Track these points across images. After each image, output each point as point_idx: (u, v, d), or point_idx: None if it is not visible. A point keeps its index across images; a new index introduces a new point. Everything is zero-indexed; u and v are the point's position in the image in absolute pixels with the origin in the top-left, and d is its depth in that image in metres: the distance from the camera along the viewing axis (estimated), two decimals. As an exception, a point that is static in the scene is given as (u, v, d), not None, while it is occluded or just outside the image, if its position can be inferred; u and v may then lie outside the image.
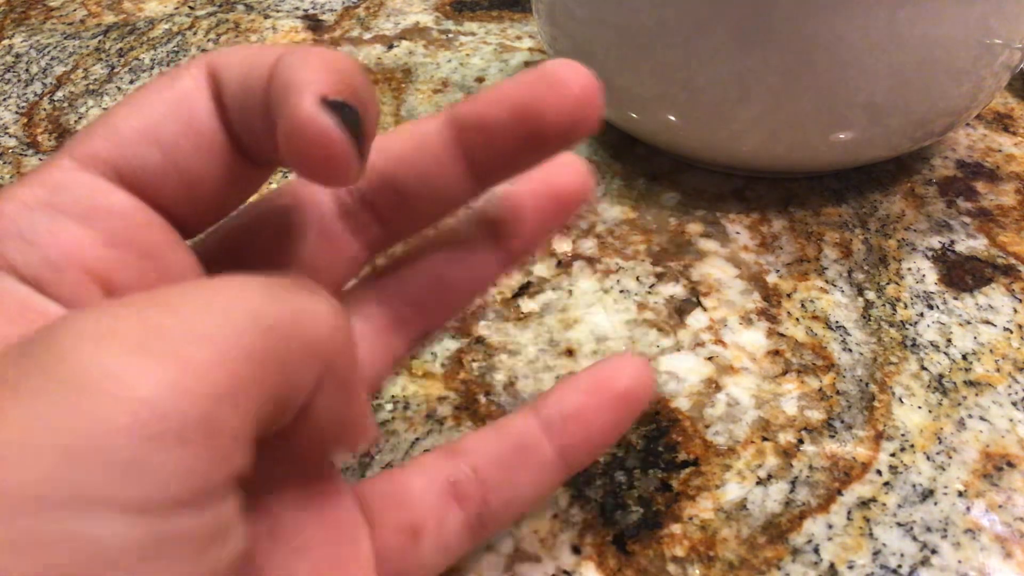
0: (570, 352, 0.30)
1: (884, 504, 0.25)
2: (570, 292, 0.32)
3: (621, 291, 0.32)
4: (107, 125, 0.16)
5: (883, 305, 0.31)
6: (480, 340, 0.30)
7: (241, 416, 0.12)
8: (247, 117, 0.16)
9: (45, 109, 0.46)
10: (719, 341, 0.30)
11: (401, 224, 0.19)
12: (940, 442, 0.26)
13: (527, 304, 0.32)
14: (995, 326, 0.30)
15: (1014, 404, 0.27)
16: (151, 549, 0.11)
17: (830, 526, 0.24)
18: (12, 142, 0.43)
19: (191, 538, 0.11)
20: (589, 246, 0.34)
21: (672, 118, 0.34)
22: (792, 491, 0.25)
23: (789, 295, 0.32)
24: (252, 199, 0.18)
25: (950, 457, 0.26)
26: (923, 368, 0.29)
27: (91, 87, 0.47)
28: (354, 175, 0.15)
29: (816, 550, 0.24)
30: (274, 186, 0.18)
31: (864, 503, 0.25)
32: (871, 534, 0.24)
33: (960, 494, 0.25)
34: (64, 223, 0.15)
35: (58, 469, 0.10)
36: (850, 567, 0.23)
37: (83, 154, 0.15)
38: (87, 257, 0.15)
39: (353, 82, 0.15)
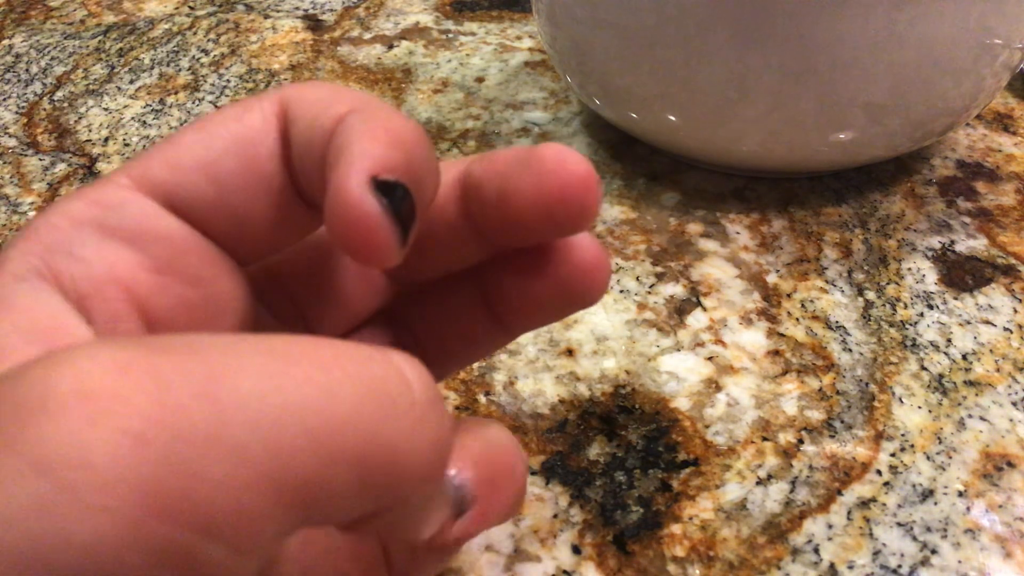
0: (570, 352, 0.30)
1: (884, 504, 0.25)
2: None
3: (621, 291, 0.32)
4: (169, 151, 0.16)
5: (883, 305, 0.31)
6: (480, 340, 0.30)
7: (272, 534, 0.11)
8: (306, 163, 0.16)
9: (45, 109, 0.46)
10: (719, 341, 0.30)
11: (417, 265, 0.18)
12: (940, 442, 0.26)
13: (527, 304, 0.32)
14: (995, 326, 0.30)
15: (1014, 404, 0.27)
16: None
17: (830, 526, 0.24)
18: (12, 142, 0.43)
19: None
20: (589, 246, 0.34)
21: (672, 118, 0.34)
22: (792, 491, 0.25)
23: (789, 295, 0.32)
24: None
25: (950, 457, 0.26)
26: (923, 368, 0.29)
27: (91, 87, 0.47)
28: (392, 260, 0.14)
29: (816, 550, 0.24)
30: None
31: (864, 503, 0.25)
32: (871, 534, 0.24)
33: (960, 494, 0.25)
34: (112, 244, 0.15)
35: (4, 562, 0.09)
36: (850, 567, 0.23)
37: (140, 176, 0.15)
38: (130, 279, 0.15)
39: (412, 156, 0.14)
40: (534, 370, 0.29)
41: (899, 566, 0.23)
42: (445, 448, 0.13)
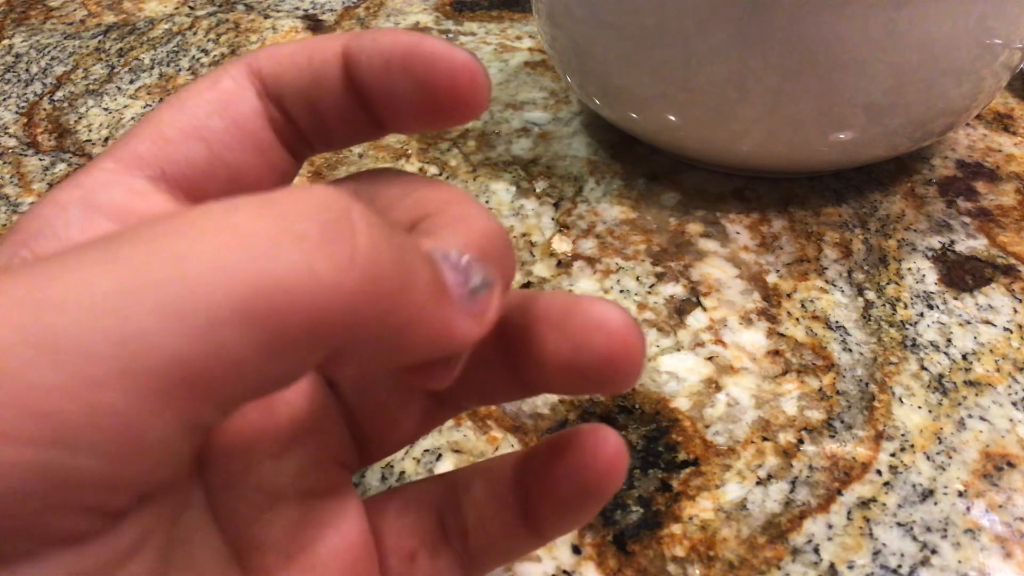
0: (570, 352, 0.30)
1: (884, 504, 0.25)
2: (570, 292, 0.32)
3: (621, 291, 0.32)
4: (151, 127, 0.16)
5: (883, 305, 0.31)
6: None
7: (159, 430, 0.10)
8: (311, 102, 0.16)
9: (45, 109, 0.46)
10: (719, 341, 0.30)
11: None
12: (940, 442, 0.26)
13: (527, 304, 0.32)
14: (995, 326, 0.30)
15: (1014, 404, 0.27)
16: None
17: (830, 526, 0.24)
18: (12, 142, 0.43)
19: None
20: (589, 246, 0.34)
21: (672, 118, 0.34)
22: (792, 491, 0.25)
23: (789, 295, 0.32)
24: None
25: (950, 457, 0.26)
26: (923, 368, 0.29)
27: (91, 87, 0.47)
28: (487, 104, 0.15)
29: (816, 550, 0.24)
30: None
31: (864, 503, 0.25)
32: (871, 534, 0.24)
33: (960, 494, 0.25)
34: (96, 221, 0.15)
35: None
36: (850, 567, 0.23)
37: (124, 156, 0.16)
38: None
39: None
40: (534, 370, 0.29)
41: (899, 566, 0.23)
42: (370, 263, 0.11)
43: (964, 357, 0.29)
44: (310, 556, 0.16)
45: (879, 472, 0.26)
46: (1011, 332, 0.30)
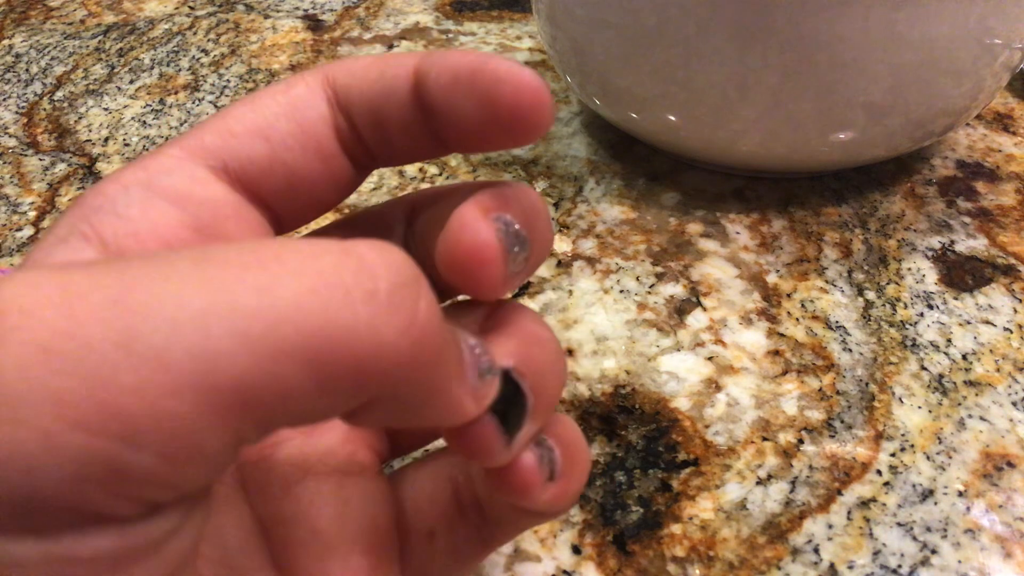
0: (570, 352, 0.30)
1: (884, 504, 0.25)
2: (570, 292, 0.32)
3: (621, 291, 0.32)
4: (221, 121, 0.16)
5: (883, 305, 0.31)
6: (480, 340, 0.30)
7: (213, 442, 0.11)
8: (378, 116, 0.16)
9: (45, 109, 0.46)
10: (719, 341, 0.30)
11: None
12: (940, 442, 0.26)
13: (527, 304, 0.32)
14: (995, 326, 0.30)
15: (1014, 404, 0.27)
16: (55, 567, 0.10)
17: (830, 526, 0.24)
18: (12, 142, 0.43)
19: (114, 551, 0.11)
20: (589, 246, 0.34)
21: (672, 118, 0.34)
22: (792, 491, 0.25)
23: (789, 295, 0.32)
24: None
25: (950, 457, 0.26)
26: (923, 368, 0.29)
27: (91, 87, 0.47)
28: (551, 125, 0.15)
29: (816, 550, 0.24)
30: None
31: (864, 503, 0.25)
32: (871, 534, 0.24)
33: (960, 494, 0.25)
34: (157, 203, 0.15)
35: None
36: (850, 567, 0.23)
37: (191, 145, 0.16)
38: (172, 237, 0.15)
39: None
40: (534, 370, 0.29)
41: (899, 566, 0.23)
42: (424, 333, 0.12)
43: (964, 357, 0.29)
44: (335, 533, 0.17)
45: (879, 472, 0.26)
46: (1011, 332, 0.30)
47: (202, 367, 0.10)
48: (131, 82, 0.48)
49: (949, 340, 0.30)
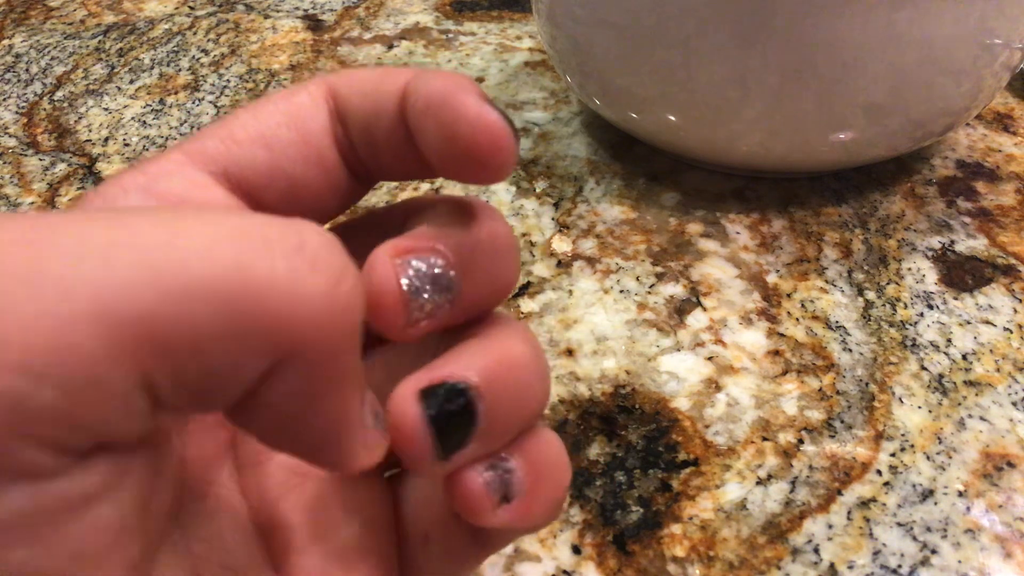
0: (570, 352, 0.30)
1: (884, 504, 0.25)
2: (570, 292, 0.32)
3: (621, 291, 0.32)
4: (223, 127, 0.16)
5: (883, 305, 0.31)
6: (480, 340, 0.30)
7: (118, 379, 0.10)
8: (371, 130, 0.16)
9: (45, 109, 0.46)
10: (719, 341, 0.30)
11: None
12: (940, 442, 0.26)
13: (527, 304, 0.32)
14: (995, 326, 0.30)
15: (1014, 404, 0.27)
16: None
17: (830, 526, 0.24)
18: (12, 142, 0.43)
19: (45, 499, 0.11)
20: (589, 246, 0.34)
21: (672, 118, 0.34)
22: (792, 491, 0.25)
23: (789, 295, 0.32)
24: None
25: (950, 457, 0.26)
26: (923, 368, 0.29)
27: (91, 87, 0.47)
28: (510, 170, 0.15)
29: (816, 550, 0.24)
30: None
31: (864, 503, 0.25)
32: (871, 534, 0.24)
33: (960, 494, 0.25)
34: (155, 205, 0.15)
35: None
36: (850, 567, 0.23)
37: (193, 150, 0.16)
38: None
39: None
40: (534, 370, 0.29)
41: (899, 566, 0.23)
42: (345, 304, 0.12)
43: (964, 357, 0.29)
44: (332, 538, 0.16)
45: (879, 472, 0.26)
46: (1011, 332, 0.30)
47: (104, 297, 0.10)
48: (131, 82, 0.48)
49: (949, 340, 0.30)
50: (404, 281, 0.14)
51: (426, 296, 0.15)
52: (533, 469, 0.16)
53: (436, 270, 0.15)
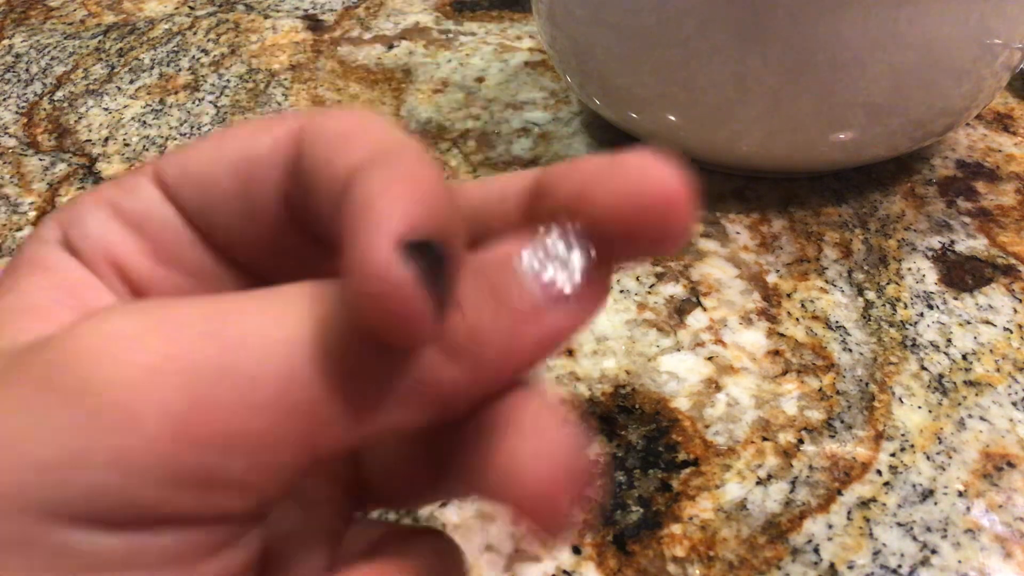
0: (570, 352, 0.30)
1: (884, 504, 0.25)
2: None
3: (621, 291, 0.32)
4: (184, 154, 0.16)
5: (883, 305, 0.31)
6: (480, 340, 0.30)
7: (249, 470, 0.12)
8: (314, 204, 0.14)
9: (45, 109, 0.46)
10: (719, 341, 0.30)
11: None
12: (940, 442, 0.26)
13: (527, 304, 0.32)
14: (995, 326, 0.30)
15: (1014, 404, 0.27)
16: (131, 558, 0.11)
17: (830, 526, 0.24)
18: (12, 142, 0.43)
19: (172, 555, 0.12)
20: (589, 246, 0.34)
21: (672, 118, 0.34)
22: (792, 491, 0.25)
23: (789, 295, 0.32)
24: None
25: (950, 457, 0.26)
26: (923, 368, 0.29)
27: (91, 87, 0.47)
28: (425, 337, 0.12)
29: (816, 550, 0.24)
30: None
31: (864, 503, 0.25)
32: (871, 534, 0.24)
33: (960, 494, 0.25)
34: (116, 225, 0.15)
35: (38, 477, 0.11)
36: (850, 567, 0.23)
37: (159, 170, 0.16)
38: (126, 262, 0.15)
39: (443, 210, 0.12)
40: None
41: (899, 566, 0.23)
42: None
43: (964, 357, 0.29)
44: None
45: (879, 472, 0.26)
46: (1011, 332, 0.30)
47: (283, 389, 0.12)
48: (131, 82, 0.48)
49: (949, 340, 0.30)
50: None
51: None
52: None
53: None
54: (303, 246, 0.16)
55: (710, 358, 0.29)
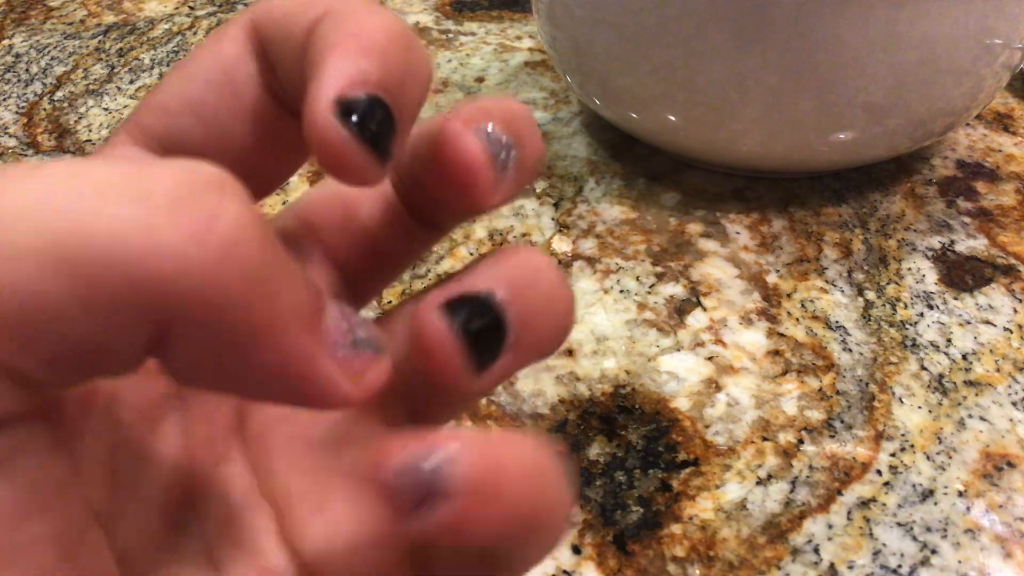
0: (570, 352, 0.30)
1: (884, 504, 0.25)
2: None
3: (621, 291, 0.32)
4: (157, 96, 0.15)
5: (883, 305, 0.31)
6: (480, 340, 0.30)
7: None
8: (290, 81, 0.15)
9: (45, 109, 0.46)
10: (719, 341, 0.30)
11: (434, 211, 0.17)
12: (940, 442, 0.26)
13: (527, 304, 0.32)
14: (995, 326, 0.30)
15: (1014, 404, 0.27)
16: None
17: (830, 526, 0.24)
18: (12, 142, 0.43)
19: None
20: (589, 246, 0.34)
21: (672, 118, 0.34)
22: (792, 491, 0.25)
23: (789, 295, 0.32)
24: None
25: (950, 457, 0.26)
26: (923, 368, 0.29)
27: (91, 87, 0.47)
28: (376, 179, 0.13)
29: (816, 550, 0.24)
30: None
31: (864, 503, 0.25)
32: (871, 534, 0.24)
33: (960, 494, 0.25)
34: None
35: None
36: (850, 567, 0.23)
37: (134, 127, 0.15)
38: None
39: (387, 61, 0.13)
40: (534, 370, 0.29)
41: (899, 566, 0.23)
42: (228, 243, 0.10)
43: (964, 357, 0.29)
44: (341, 510, 0.15)
45: (879, 472, 0.26)
46: (1011, 332, 0.30)
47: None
48: (131, 82, 0.48)
49: (949, 340, 0.30)
50: (483, 145, 0.14)
51: (503, 156, 0.14)
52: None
53: (501, 136, 0.14)
54: (300, 136, 0.16)
55: (710, 358, 0.29)
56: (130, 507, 0.14)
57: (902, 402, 0.28)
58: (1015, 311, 0.31)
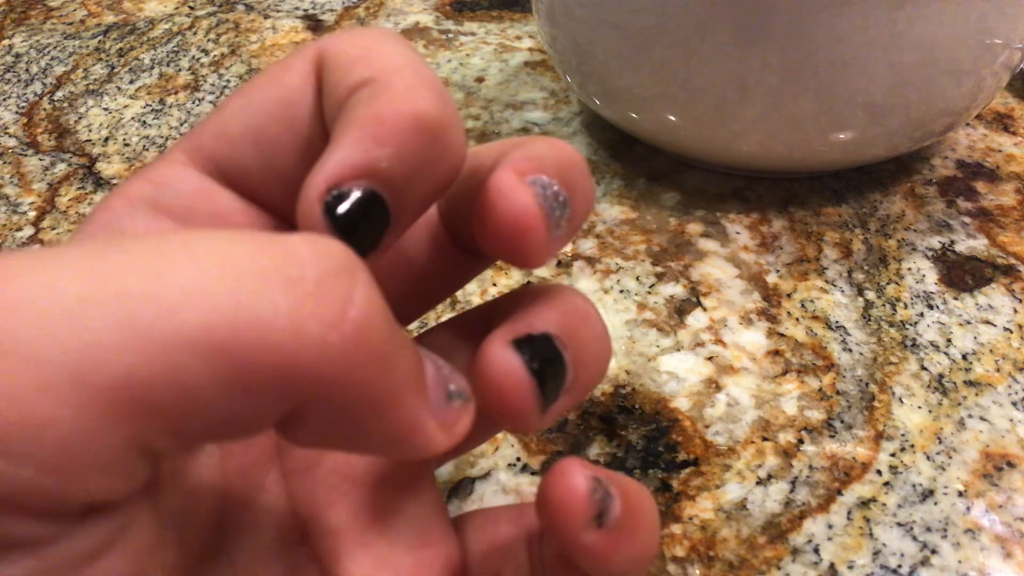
0: (570, 352, 0.30)
1: (884, 504, 0.25)
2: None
3: (621, 291, 0.32)
4: (218, 120, 0.15)
5: (883, 305, 0.31)
6: (480, 340, 0.30)
7: (105, 447, 0.10)
8: (328, 123, 0.15)
9: (45, 109, 0.46)
10: (719, 341, 0.30)
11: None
12: (940, 442, 0.26)
13: (527, 304, 0.32)
14: (995, 326, 0.30)
15: (1014, 404, 0.27)
16: None
17: (830, 526, 0.24)
18: (12, 142, 0.43)
19: (36, 556, 0.10)
20: (589, 246, 0.34)
21: (672, 118, 0.34)
22: (792, 491, 0.25)
23: (789, 295, 0.32)
24: None
25: (950, 457, 0.26)
26: (923, 368, 0.29)
27: (91, 87, 0.47)
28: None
29: (816, 550, 0.24)
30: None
31: (864, 503, 0.25)
32: (871, 534, 0.24)
33: (960, 494, 0.25)
34: (162, 221, 0.15)
35: None
36: (850, 567, 0.23)
37: (193, 149, 0.15)
38: None
39: (403, 150, 0.13)
40: (534, 370, 0.29)
41: (899, 566, 0.23)
42: (359, 329, 0.11)
43: (964, 357, 0.29)
44: (383, 542, 0.16)
45: (879, 472, 0.26)
46: (1011, 332, 0.30)
47: (79, 362, 0.09)
48: (131, 82, 0.48)
49: (949, 340, 0.30)
50: (539, 202, 0.13)
51: (557, 214, 0.14)
52: (625, 496, 0.15)
53: (555, 187, 0.14)
54: None
55: (710, 358, 0.29)
56: (178, 540, 0.14)
57: (902, 402, 0.28)
58: (1015, 311, 0.31)
